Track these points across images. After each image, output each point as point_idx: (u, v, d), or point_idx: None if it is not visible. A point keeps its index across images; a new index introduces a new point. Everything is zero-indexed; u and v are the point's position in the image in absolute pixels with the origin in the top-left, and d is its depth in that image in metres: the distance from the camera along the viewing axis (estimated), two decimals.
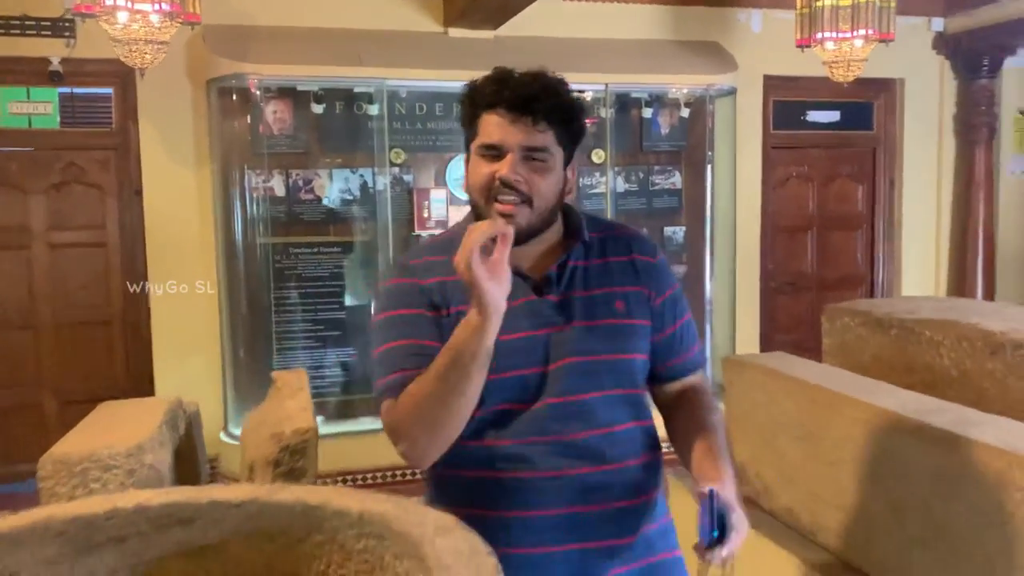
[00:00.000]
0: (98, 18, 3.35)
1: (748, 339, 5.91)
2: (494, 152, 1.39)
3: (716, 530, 1.26)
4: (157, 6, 3.27)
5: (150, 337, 4.88)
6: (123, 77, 4.75)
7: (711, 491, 1.27)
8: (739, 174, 5.71)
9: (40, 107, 4.74)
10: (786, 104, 6.05)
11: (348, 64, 4.67)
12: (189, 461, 2.20)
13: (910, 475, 1.83)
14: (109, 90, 4.83)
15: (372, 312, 1.61)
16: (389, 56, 4.79)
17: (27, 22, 4.54)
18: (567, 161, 1.47)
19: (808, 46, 4.52)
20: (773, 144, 6.03)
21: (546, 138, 1.40)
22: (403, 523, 1.14)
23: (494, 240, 1.25)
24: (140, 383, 4.94)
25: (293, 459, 1.81)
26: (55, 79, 4.59)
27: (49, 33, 4.60)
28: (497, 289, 1.24)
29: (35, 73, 4.62)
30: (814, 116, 6.16)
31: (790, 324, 6.23)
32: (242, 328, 4.84)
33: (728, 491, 1.33)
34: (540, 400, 1.41)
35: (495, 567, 1.00)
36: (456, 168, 5.17)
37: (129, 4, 3.22)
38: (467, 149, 1.46)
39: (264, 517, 1.26)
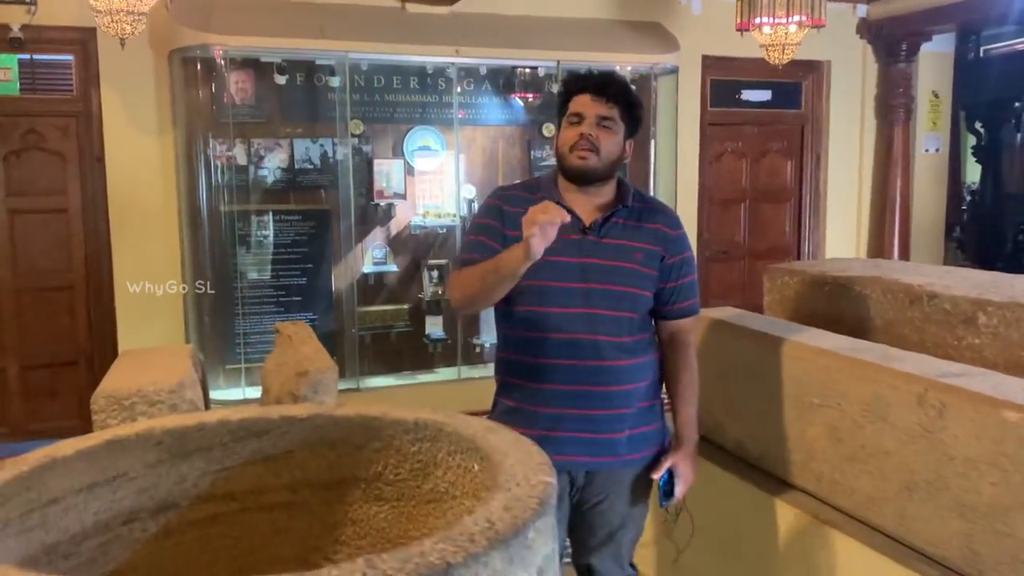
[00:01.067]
0: None
1: None
2: (577, 119, 2.01)
3: (665, 498, 2.10)
4: None
5: (113, 302, 4.97)
6: (84, 44, 4.80)
7: (662, 476, 2.10)
8: (679, 150, 6.05)
9: None
10: (722, 83, 6.41)
11: (311, 36, 4.82)
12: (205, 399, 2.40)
13: (843, 404, 2.17)
14: (70, 57, 4.87)
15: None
16: (351, 29, 4.95)
17: None
18: (627, 136, 2.08)
19: (747, 30, 4.85)
20: (710, 121, 6.39)
21: (613, 112, 2.02)
22: (455, 426, 1.40)
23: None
24: (104, 346, 5.04)
25: (318, 396, 2.05)
26: (15, 45, 4.61)
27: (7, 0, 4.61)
28: (541, 246, 1.78)
29: None
30: (747, 95, 6.53)
31: (724, 290, 6.63)
32: (206, 293, 4.97)
33: (684, 453, 2.13)
34: (570, 308, 2.02)
35: (539, 451, 1.27)
36: (413, 140, 5.37)
37: None
38: (559, 122, 2.08)
39: (328, 428, 1.51)
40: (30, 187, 4.88)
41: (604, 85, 2.02)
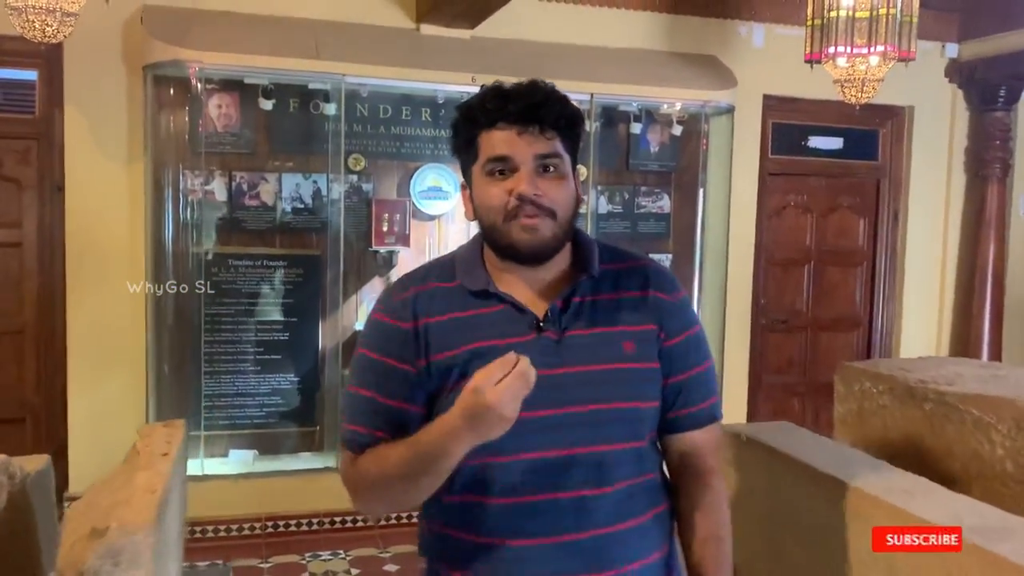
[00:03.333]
0: None
1: (736, 379, 5.42)
2: (502, 166, 1.31)
3: None
4: None
5: (65, 352, 4.32)
6: (48, 59, 4.22)
7: None
8: (733, 200, 5.23)
9: None
10: (786, 127, 5.59)
11: (302, 56, 4.16)
12: (19, 539, 1.66)
13: None
14: (33, 73, 4.29)
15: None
16: (350, 50, 4.28)
17: None
18: (574, 167, 1.38)
19: (818, 62, 4.04)
20: (771, 170, 5.57)
21: (555, 145, 1.33)
22: None
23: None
24: (52, 402, 4.38)
25: (118, 572, 1.28)
26: None
27: None
28: (505, 426, 1.18)
29: None
30: (816, 142, 5.70)
31: (781, 365, 5.75)
32: (169, 347, 4.29)
33: None
34: (543, 451, 1.30)
35: None
36: (421, 180, 4.66)
37: None
38: (466, 175, 1.38)
39: None
40: None
41: (535, 106, 1.30)
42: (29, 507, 1.71)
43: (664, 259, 5.21)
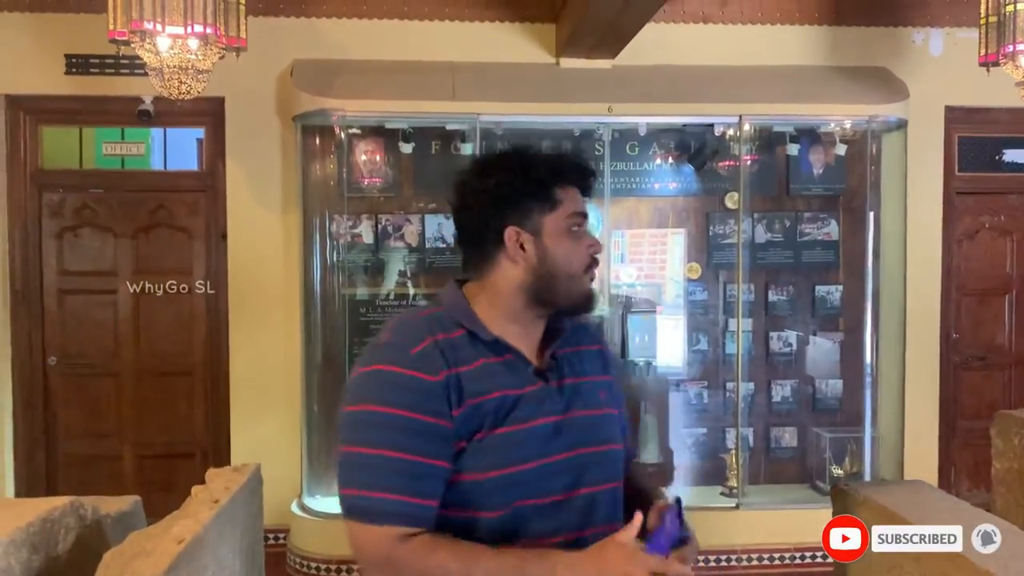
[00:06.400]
0: (131, 45, 3.05)
1: (924, 427, 4.82)
2: (583, 223, 1.41)
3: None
4: (190, 28, 2.91)
5: (228, 391, 4.56)
6: (214, 116, 4.52)
7: (678, 498, 1.31)
8: (912, 224, 4.71)
9: (133, 147, 4.61)
10: (975, 141, 4.99)
11: (438, 98, 4.19)
12: None
13: None
14: (200, 130, 4.62)
15: (352, 397, 1.33)
16: (485, 89, 4.27)
17: (121, 60, 4.39)
18: None
19: (995, 64, 3.57)
20: (958, 189, 4.98)
21: None
22: None
23: None
24: (219, 439, 4.63)
25: None
26: (144, 118, 4.40)
27: (143, 72, 4.44)
28: None
29: (127, 113, 4.46)
30: (1012, 155, 5.05)
31: (979, 408, 5.07)
32: (318, 387, 4.41)
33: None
34: (561, 493, 1.34)
35: None
36: None
37: (159, 28, 2.88)
38: (525, 223, 1.37)
39: None
40: (157, 265, 4.64)
41: (591, 179, 1.44)
42: (107, 548, 1.73)
43: (833, 291, 4.77)
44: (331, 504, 4.32)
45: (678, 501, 1.30)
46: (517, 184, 1.37)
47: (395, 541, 1.24)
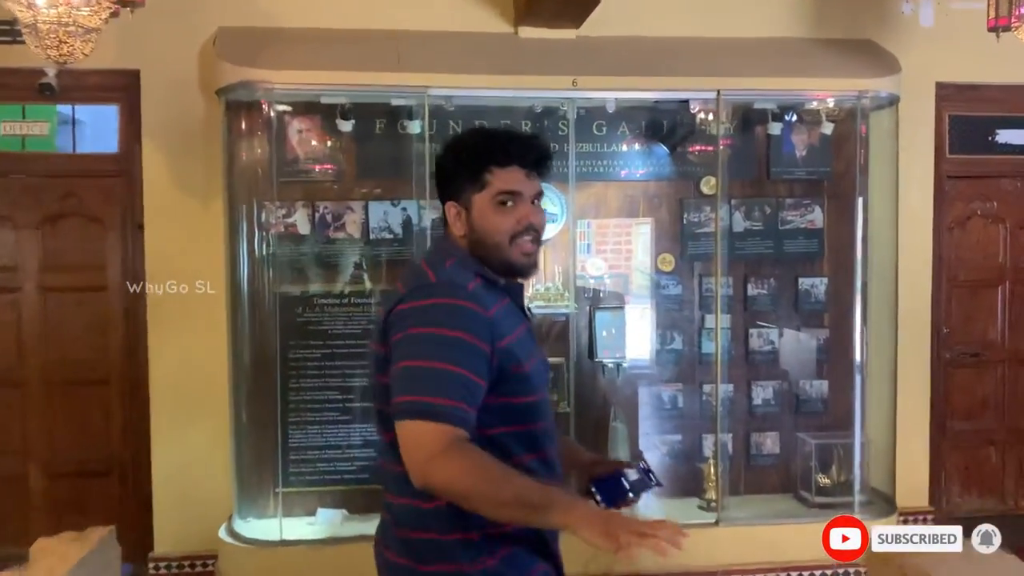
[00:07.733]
0: None
1: (914, 427, 4.47)
2: (510, 200, 1.61)
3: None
4: None
5: (148, 401, 4.05)
6: (128, 91, 4.00)
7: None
8: (902, 210, 4.34)
9: (35, 127, 4.07)
10: (967, 120, 4.63)
11: (381, 69, 3.71)
12: None
13: None
14: (114, 107, 4.09)
15: (416, 322, 1.52)
16: (435, 59, 3.80)
17: (16, 27, 3.84)
18: None
19: (1006, 28, 3.18)
20: (949, 172, 4.62)
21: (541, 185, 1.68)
22: None
23: None
24: (138, 455, 4.11)
25: None
26: (47, 93, 3.84)
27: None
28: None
29: (26, 87, 3.91)
30: (1006, 136, 4.70)
31: (972, 407, 4.76)
32: (247, 395, 3.92)
33: None
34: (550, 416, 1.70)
35: None
36: None
37: None
38: (461, 198, 1.63)
39: None
40: (65, 260, 4.11)
41: (543, 159, 1.65)
42: None
43: (817, 283, 4.38)
44: (265, 529, 3.84)
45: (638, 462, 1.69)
46: (452, 166, 1.64)
47: (452, 437, 1.42)
